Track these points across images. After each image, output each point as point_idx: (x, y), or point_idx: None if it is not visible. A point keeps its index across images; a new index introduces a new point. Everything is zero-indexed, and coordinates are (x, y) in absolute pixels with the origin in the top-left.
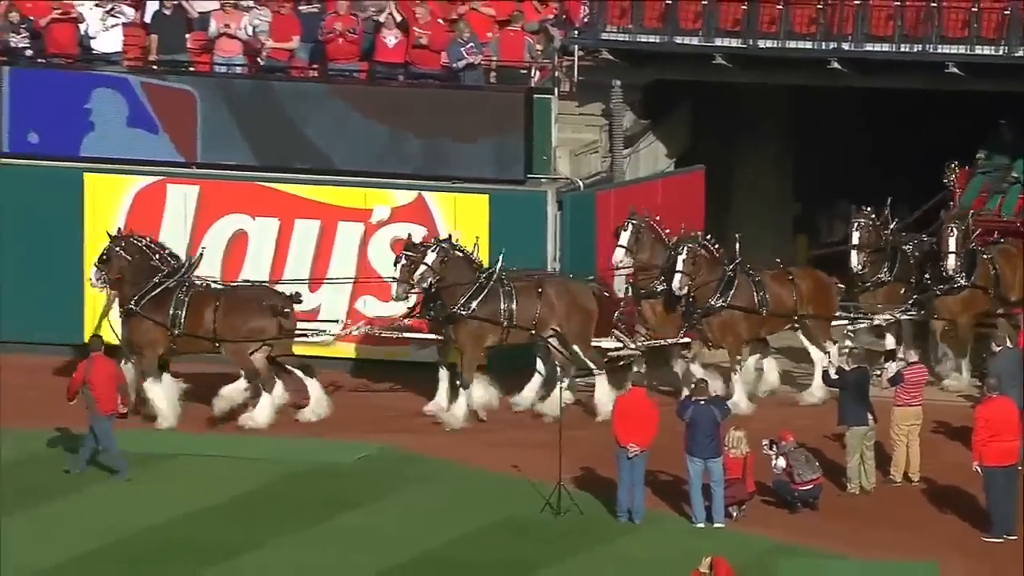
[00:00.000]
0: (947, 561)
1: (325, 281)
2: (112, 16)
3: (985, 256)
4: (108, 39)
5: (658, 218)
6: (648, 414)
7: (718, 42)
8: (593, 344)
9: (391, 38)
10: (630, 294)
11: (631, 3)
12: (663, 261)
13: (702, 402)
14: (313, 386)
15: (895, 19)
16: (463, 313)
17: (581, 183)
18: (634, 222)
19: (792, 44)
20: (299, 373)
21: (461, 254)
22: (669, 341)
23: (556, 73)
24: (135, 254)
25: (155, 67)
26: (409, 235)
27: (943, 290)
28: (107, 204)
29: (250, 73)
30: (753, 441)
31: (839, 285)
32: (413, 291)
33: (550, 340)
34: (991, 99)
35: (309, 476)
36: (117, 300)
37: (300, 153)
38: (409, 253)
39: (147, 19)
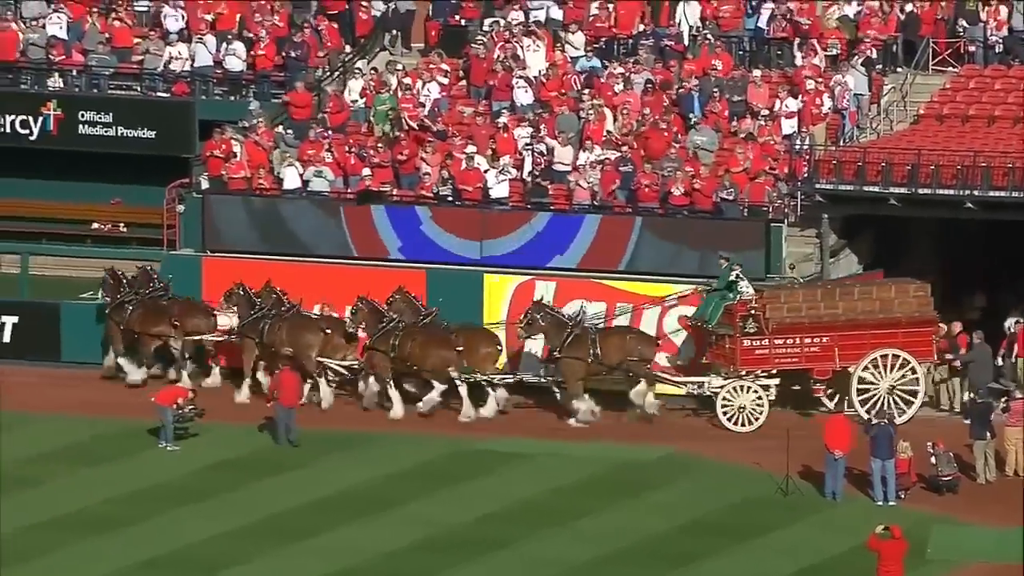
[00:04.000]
0: None
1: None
2: (502, 174)
3: (591, 336)
4: (500, 188)
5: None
6: (848, 430)
7: (892, 189)
8: None
9: (677, 189)
10: None
11: (834, 164)
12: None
13: (883, 423)
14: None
15: (1009, 175)
16: None
17: (801, 280)
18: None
19: (941, 191)
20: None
21: None
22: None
23: (785, 209)
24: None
25: (528, 207)
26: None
27: (557, 358)
28: (497, 296)
29: (592, 208)
30: (914, 446)
31: None
32: None
33: None
34: None
35: (624, 468)
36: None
37: (619, 260)
38: None
39: (524, 176)
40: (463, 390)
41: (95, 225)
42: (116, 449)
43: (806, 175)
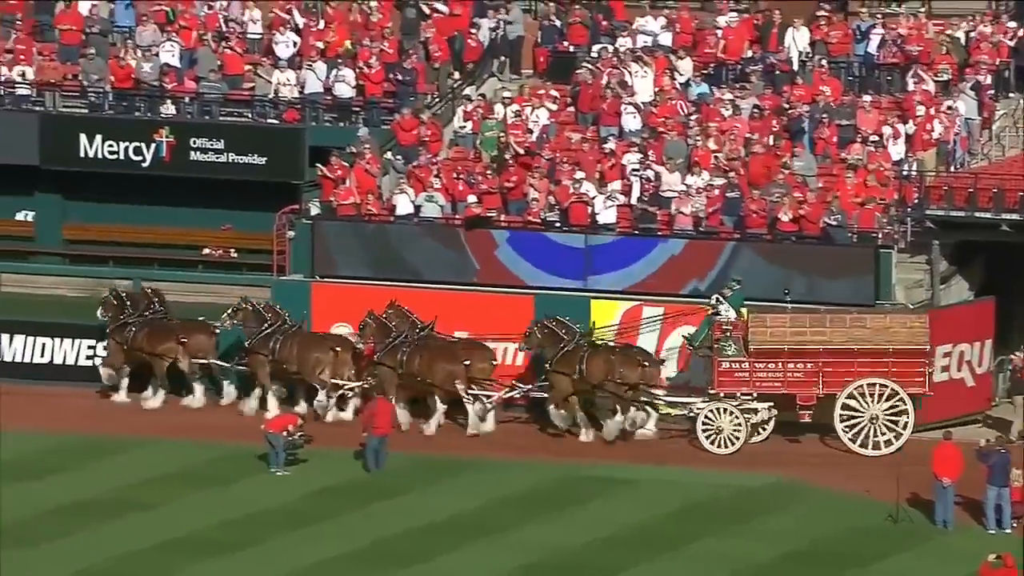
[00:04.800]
0: None
1: None
2: (610, 200)
3: (581, 354)
4: (608, 215)
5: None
6: (957, 457)
7: (1004, 215)
8: None
9: (785, 215)
10: None
11: (945, 190)
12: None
13: (1001, 450)
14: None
15: None
16: None
17: (911, 306)
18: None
19: None
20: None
21: None
22: None
23: (895, 235)
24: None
25: (635, 232)
26: None
27: (548, 372)
28: (604, 320)
29: (697, 233)
30: None
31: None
32: None
33: None
34: None
35: (731, 495)
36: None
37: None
38: None
39: (632, 201)
40: (470, 405)
41: (206, 251)
42: (228, 473)
43: (916, 201)
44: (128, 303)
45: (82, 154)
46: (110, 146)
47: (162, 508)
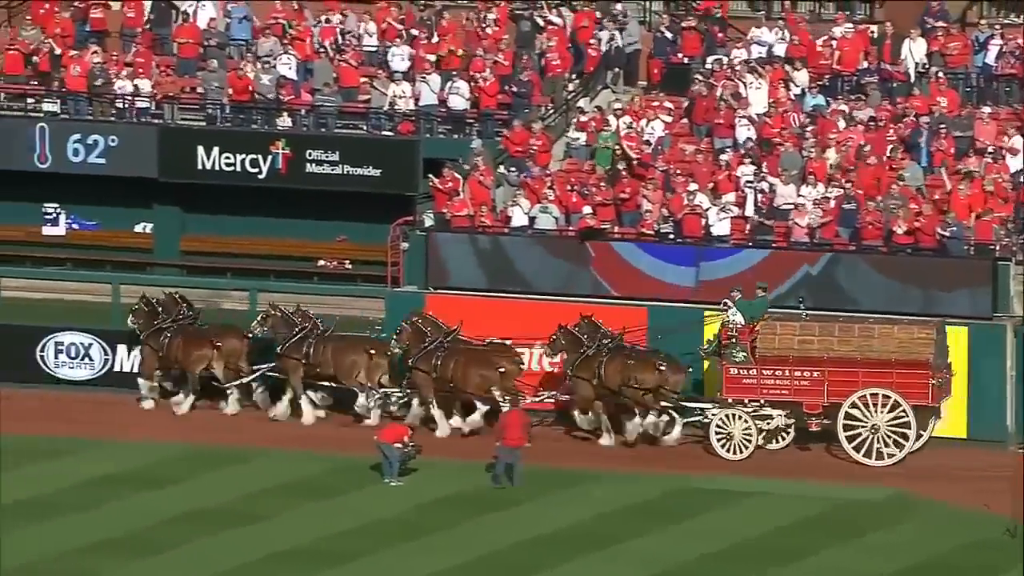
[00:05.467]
0: None
1: None
2: (724, 212)
3: (600, 359)
4: (722, 226)
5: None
6: None
7: None
8: None
9: (899, 227)
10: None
11: None
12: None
13: None
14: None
15: None
16: None
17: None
18: (404, 323)
19: None
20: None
21: None
22: None
23: (1013, 247)
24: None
25: (750, 245)
26: None
27: (570, 377)
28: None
29: (811, 244)
30: None
31: None
32: None
33: None
34: None
35: (848, 508)
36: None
37: (839, 300)
38: None
39: (747, 213)
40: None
41: (321, 262)
42: (341, 484)
43: None
44: (160, 309)
45: (200, 166)
46: (227, 158)
47: (276, 519)
